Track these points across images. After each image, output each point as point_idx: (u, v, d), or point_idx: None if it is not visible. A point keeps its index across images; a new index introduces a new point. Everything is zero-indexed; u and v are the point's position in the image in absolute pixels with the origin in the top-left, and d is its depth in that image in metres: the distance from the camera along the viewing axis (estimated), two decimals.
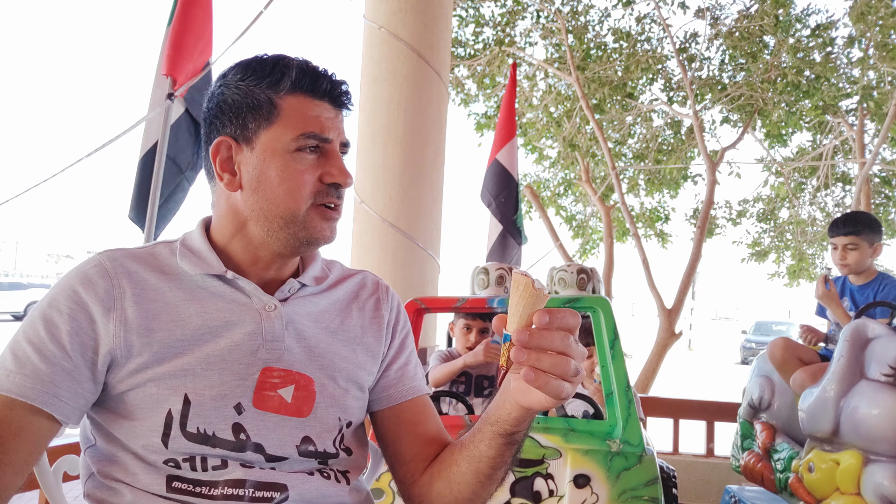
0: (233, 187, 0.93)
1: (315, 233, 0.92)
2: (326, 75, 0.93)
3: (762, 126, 8.40)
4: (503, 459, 0.87)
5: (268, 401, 0.89)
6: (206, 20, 2.90)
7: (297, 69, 0.91)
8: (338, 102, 0.94)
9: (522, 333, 0.70)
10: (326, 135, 0.91)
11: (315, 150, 0.91)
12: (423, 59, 3.89)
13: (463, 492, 0.92)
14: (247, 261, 0.95)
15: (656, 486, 1.88)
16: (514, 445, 0.87)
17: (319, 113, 0.91)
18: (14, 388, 0.80)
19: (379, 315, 1.05)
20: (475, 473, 0.90)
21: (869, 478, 2.00)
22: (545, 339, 0.70)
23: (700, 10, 7.60)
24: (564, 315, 0.71)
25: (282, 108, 0.90)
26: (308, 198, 0.90)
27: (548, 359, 0.70)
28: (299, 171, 0.90)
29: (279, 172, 0.90)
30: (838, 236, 2.64)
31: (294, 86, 0.90)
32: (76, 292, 0.85)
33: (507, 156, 4.53)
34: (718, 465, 3.70)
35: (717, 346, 26.06)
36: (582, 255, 10.63)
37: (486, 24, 8.05)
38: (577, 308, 2.34)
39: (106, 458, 0.88)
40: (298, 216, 0.90)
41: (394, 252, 3.79)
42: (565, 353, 0.71)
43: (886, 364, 2.03)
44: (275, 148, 0.90)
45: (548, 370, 0.70)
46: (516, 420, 0.82)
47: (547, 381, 0.70)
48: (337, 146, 0.93)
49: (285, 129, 0.90)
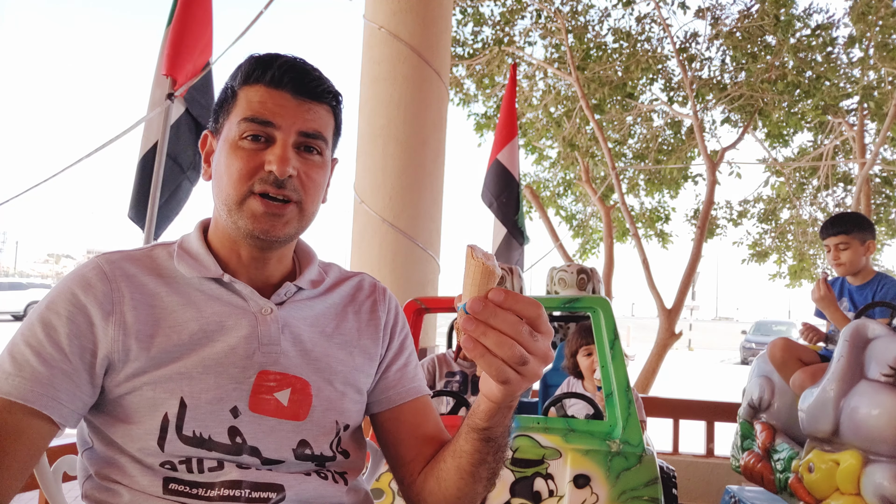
0: (207, 176, 0.96)
1: (252, 223, 0.89)
2: (280, 62, 0.90)
3: (763, 126, 8.39)
4: (481, 457, 0.87)
5: (264, 404, 0.88)
6: (206, 20, 2.91)
7: (255, 60, 0.91)
8: (301, 91, 0.90)
9: (476, 302, 0.66)
10: (268, 118, 0.88)
11: (261, 137, 0.89)
12: (423, 59, 3.89)
13: (449, 489, 0.92)
14: (232, 258, 0.95)
15: (656, 486, 1.88)
16: (490, 443, 0.85)
17: (268, 99, 0.89)
18: (13, 391, 0.80)
19: (376, 317, 1.05)
20: (458, 470, 0.90)
21: (869, 478, 2.00)
22: (495, 316, 0.66)
23: (700, 10, 7.60)
24: (521, 300, 0.68)
25: (238, 98, 0.91)
26: (242, 184, 0.88)
27: (493, 335, 0.66)
28: (238, 157, 0.89)
29: (224, 159, 0.90)
30: (829, 237, 2.69)
31: (249, 76, 0.90)
32: (75, 295, 0.85)
33: (508, 156, 4.54)
34: (718, 465, 3.70)
35: (717, 347, 26.05)
36: (582, 255, 10.63)
37: (485, 23, 8.04)
38: (577, 308, 2.34)
39: (103, 461, 0.88)
40: (236, 203, 0.89)
41: (394, 252, 3.79)
42: (512, 336, 0.67)
43: (886, 364, 2.03)
44: (227, 136, 0.91)
45: (490, 348, 0.67)
46: (485, 413, 0.81)
47: (483, 354, 0.67)
48: (290, 136, 0.89)
49: (235, 117, 0.90)
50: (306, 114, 0.90)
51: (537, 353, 0.69)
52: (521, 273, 3.39)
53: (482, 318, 0.66)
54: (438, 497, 0.94)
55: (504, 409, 0.81)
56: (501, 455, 0.89)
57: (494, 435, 0.85)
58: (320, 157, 0.93)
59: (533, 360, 0.68)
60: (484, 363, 0.68)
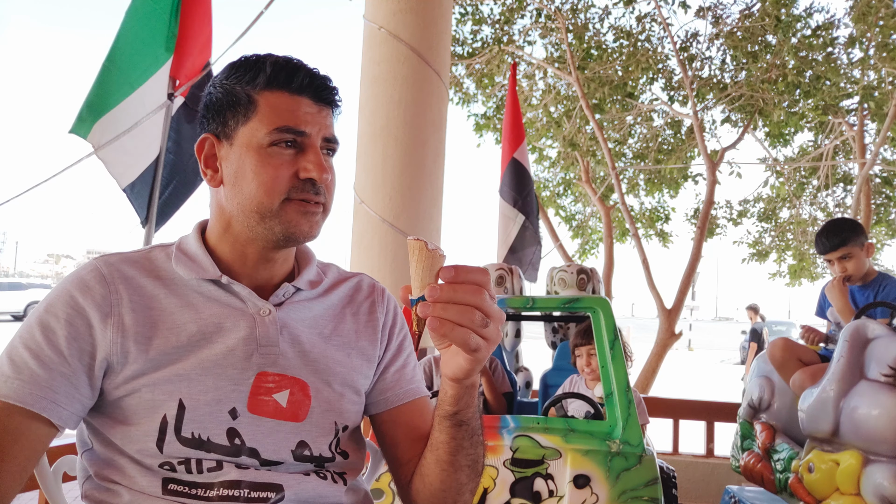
0: (215, 183, 0.94)
1: (291, 227, 0.90)
2: (304, 70, 0.91)
3: (763, 126, 8.39)
4: (458, 443, 0.90)
5: (263, 405, 0.88)
6: (205, 20, 2.91)
7: (274, 64, 0.91)
8: (320, 98, 0.92)
9: (433, 289, 0.71)
10: (302, 128, 0.89)
11: (292, 144, 0.90)
12: (423, 59, 3.89)
13: (433, 483, 0.94)
14: (237, 261, 0.95)
15: (656, 486, 1.88)
16: (462, 427, 0.89)
17: (296, 107, 0.90)
18: (12, 394, 0.80)
19: (374, 318, 1.04)
20: (437, 462, 0.92)
21: (869, 478, 2.00)
22: (454, 293, 0.71)
23: (701, 9, 7.60)
24: (470, 270, 0.73)
25: (259, 103, 0.90)
26: (282, 192, 0.89)
27: (454, 308, 0.71)
28: (273, 165, 0.89)
29: (254, 167, 0.89)
30: (829, 252, 2.62)
31: (270, 81, 0.90)
32: (73, 298, 0.85)
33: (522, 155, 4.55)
34: (718, 465, 3.70)
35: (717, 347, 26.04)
36: (582, 255, 10.62)
37: (484, 22, 8.04)
38: (577, 308, 2.34)
39: (103, 462, 0.88)
40: (272, 210, 0.89)
41: (394, 252, 3.79)
42: (473, 304, 0.72)
43: (886, 364, 2.03)
44: (251, 143, 0.90)
45: (455, 320, 0.71)
46: (453, 398, 0.85)
47: (452, 329, 0.71)
48: (317, 141, 0.91)
49: (261, 124, 0.89)
50: (325, 120, 0.93)
51: (493, 315, 0.74)
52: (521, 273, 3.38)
53: (444, 299, 0.71)
54: (425, 495, 0.95)
55: (469, 389, 0.85)
56: (478, 440, 0.92)
57: (465, 417, 0.88)
58: (333, 159, 0.96)
59: (491, 322, 0.74)
60: (454, 337, 0.72)
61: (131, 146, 2.74)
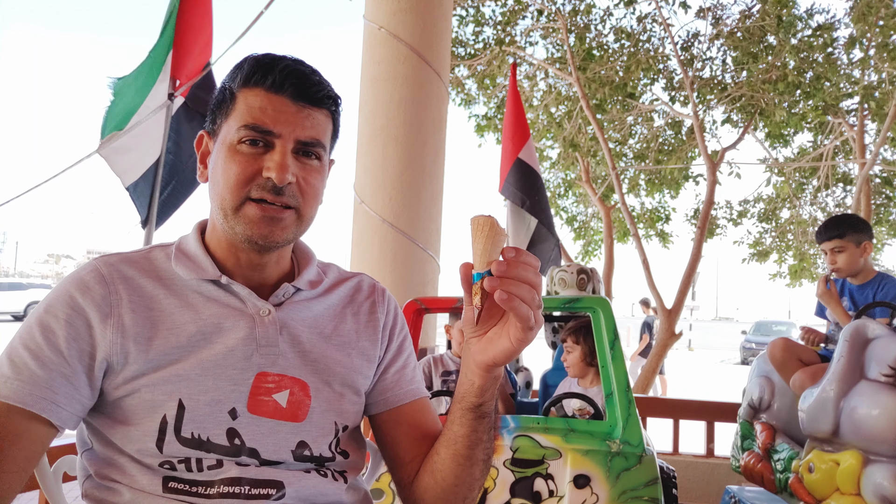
0: (203, 178, 0.96)
1: (248, 229, 0.88)
2: (282, 68, 0.88)
3: (763, 126, 8.39)
4: (478, 436, 0.89)
5: (262, 406, 0.88)
6: (206, 20, 2.91)
7: (254, 62, 0.90)
8: (301, 97, 0.89)
9: (501, 264, 0.73)
10: (269, 127, 0.87)
11: (258, 143, 0.88)
12: (423, 59, 3.89)
13: (446, 478, 0.93)
14: (230, 261, 0.95)
15: (656, 486, 1.88)
16: (484, 419, 0.88)
17: (268, 105, 0.88)
18: (12, 395, 0.79)
19: (374, 319, 1.04)
20: (454, 457, 0.91)
21: (869, 478, 2.00)
22: (519, 270, 0.74)
23: (702, 9, 7.60)
24: (525, 253, 0.76)
25: (237, 100, 0.90)
26: (239, 190, 0.87)
27: (520, 286, 0.74)
28: (237, 162, 0.88)
29: (221, 163, 0.89)
30: (824, 241, 2.69)
31: (248, 78, 0.89)
32: (73, 298, 0.85)
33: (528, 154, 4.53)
34: (718, 465, 3.70)
35: (717, 347, 26.03)
36: (584, 256, 10.61)
37: (486, 23, 8.04)
38: (577, 308, 2.34)
39: (103, 461, 0.88)
40: (233, 209, 0.88)
41: (394, 252, 3.79)
42: (532, 284, 0.74)
43: (886, 364, 2.03)
44: (224, 140, 0.90)
45: (520, 295, 0.74)
46: (480, 389, 0.85)
47: (519, 304, 0.74)
48: (288, 142, 0.88)
49: (235, 122, 0.89)
50: (305, 121, 0.89)
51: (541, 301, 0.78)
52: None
53: (511, 275, 0.73)
54: (436, 491, 0.94)
55: (495, 380, 0.86)
56: (494, 433, 0.92)
57: (488, 410, 0.88)
58: (318, 162, 0.93)
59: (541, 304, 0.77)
60: (519, 311, 0.74)
61: (133, 145, 2.75)
